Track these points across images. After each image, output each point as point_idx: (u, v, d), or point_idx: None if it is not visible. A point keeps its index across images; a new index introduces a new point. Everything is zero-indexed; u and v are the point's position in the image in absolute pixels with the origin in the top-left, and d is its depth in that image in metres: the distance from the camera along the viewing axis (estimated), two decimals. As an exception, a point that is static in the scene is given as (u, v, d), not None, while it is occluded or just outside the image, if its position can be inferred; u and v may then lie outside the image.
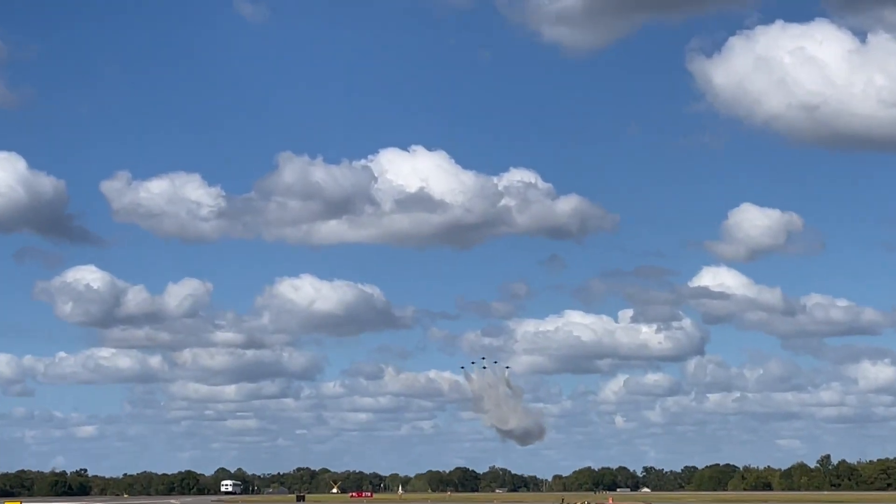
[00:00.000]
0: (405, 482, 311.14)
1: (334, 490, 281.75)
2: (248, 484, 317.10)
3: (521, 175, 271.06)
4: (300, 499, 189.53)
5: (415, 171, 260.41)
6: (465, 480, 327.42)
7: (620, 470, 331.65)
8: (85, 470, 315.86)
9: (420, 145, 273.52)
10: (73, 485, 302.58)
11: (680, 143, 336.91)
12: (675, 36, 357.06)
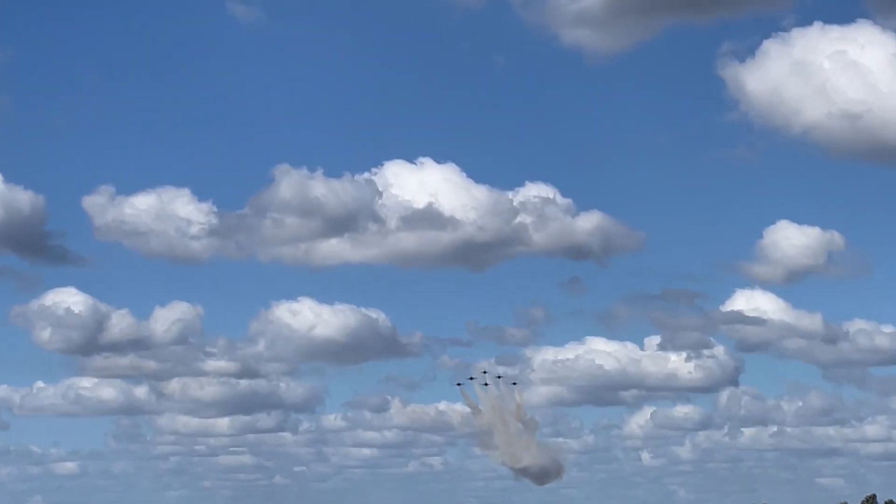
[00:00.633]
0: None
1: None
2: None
3: (538, 190, 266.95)
4: None
5: (423, 185, 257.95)
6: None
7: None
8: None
9: (428, 157, 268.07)
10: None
11: (711, 155, 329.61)
12: (705, 39, 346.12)
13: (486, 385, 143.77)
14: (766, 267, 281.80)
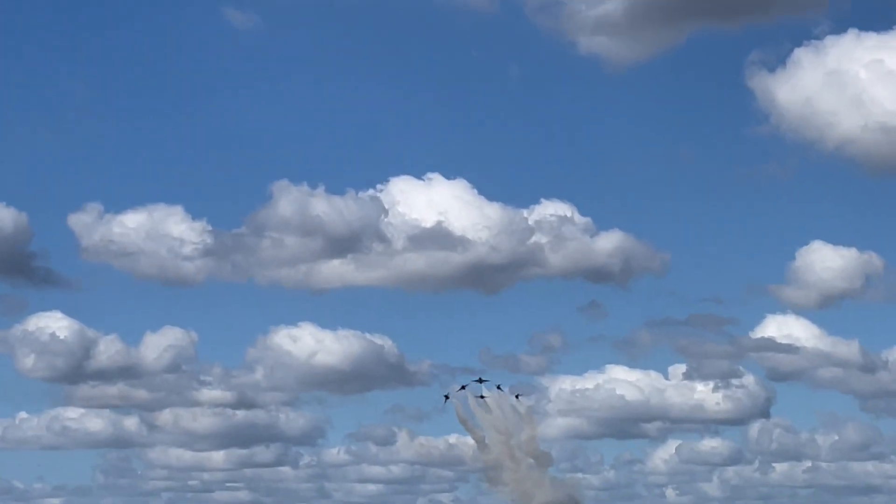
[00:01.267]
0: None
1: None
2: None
3: (554, 208, 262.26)
4: None
5: (431, 202, 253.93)
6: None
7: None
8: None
9: (437, 173, 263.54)
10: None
11: (739, 171, 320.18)
12: (732, 47, 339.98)
13: (482, 398, 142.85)
14: (799, 291, 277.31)
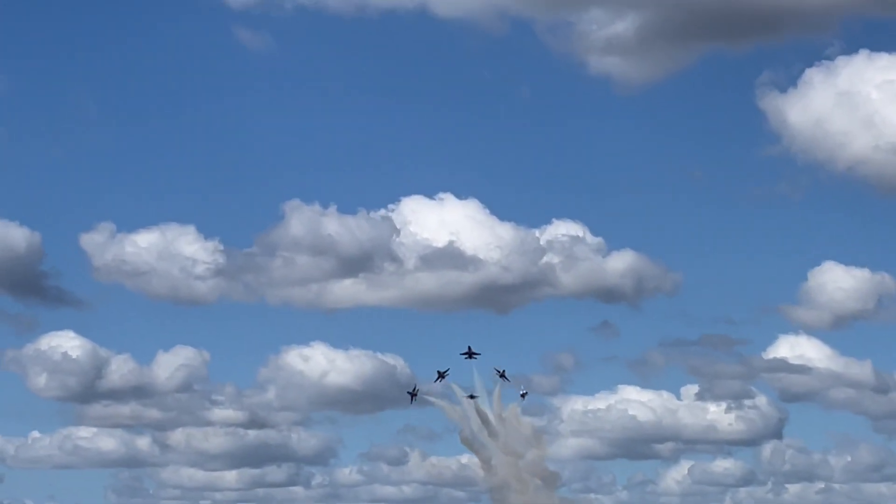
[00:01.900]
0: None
1: None
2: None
3: (566, 228, 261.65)
4: None
5: (443, 222, 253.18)
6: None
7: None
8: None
9: (449, 193, 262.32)
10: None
11: (751, 191, 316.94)
12: (743, 68, 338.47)
13: (473, 397, 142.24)
14: (812, 311, 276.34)
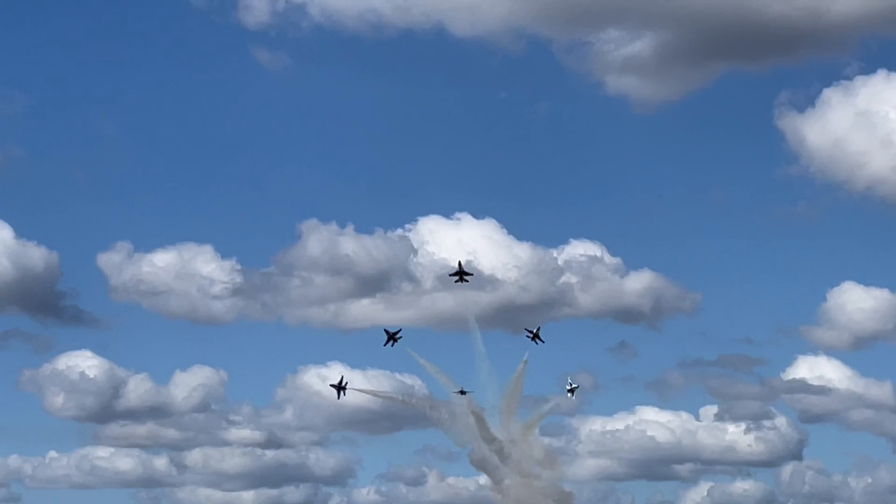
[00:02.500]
0: None
1: None
2: None
3: (584, 248, 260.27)
4: None
5: (460, 242, 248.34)
6: None
7: None
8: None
9: (466, 213, 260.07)
10: None
11: (769, 211, 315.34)
12: (761, 87, 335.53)
13: (465, 393, 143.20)
14: (831, 332, 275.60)
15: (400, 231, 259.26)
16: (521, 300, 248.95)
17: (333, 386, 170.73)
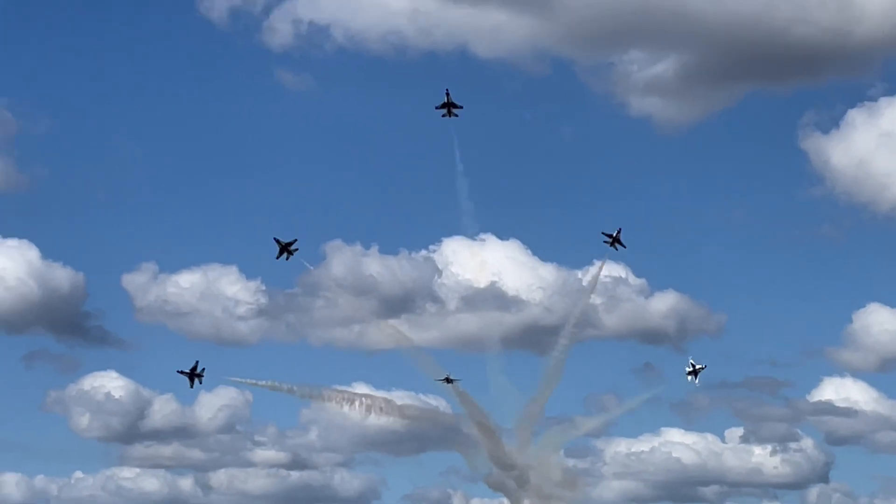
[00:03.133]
0: None
1: None
2: None
3: (609, 269, 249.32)
4: None
5: (484, 263, 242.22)
6: None
7: None
8: None
9: (490, 234, 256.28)
10: None
11: (794, 233, 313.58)
12: (784, 109, 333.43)
13: (452, 381, 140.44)
14: (857, 353, 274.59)
15: (424, 252, 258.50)
16: (545, 321, 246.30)
17: (184, 373, 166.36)
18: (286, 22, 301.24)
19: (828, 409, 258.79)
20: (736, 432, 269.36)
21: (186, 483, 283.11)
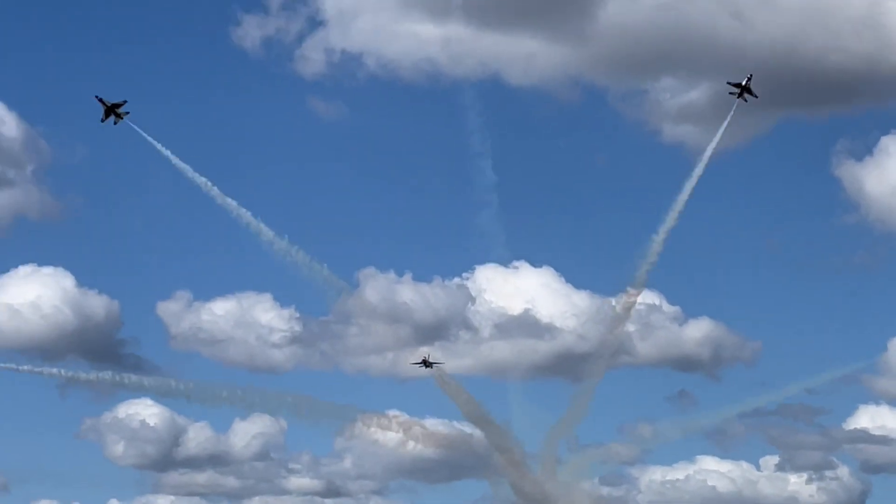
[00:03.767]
0: None
1: None
2: None
3: (643, 296, 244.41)
4: None
5: (518, 291, 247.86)
6: None
7: None
8: None
9: (524, 261, 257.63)
10: None
11: (829, 260, 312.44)
12: (817, 136, 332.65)
13: (430, 365, 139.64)
14: (893, 381, 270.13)
15: (458, 279, 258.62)
16: (579, 349, 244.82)
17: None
18: (319, 50, 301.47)
19: (864, 437, 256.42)
20: (771, 460, 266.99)
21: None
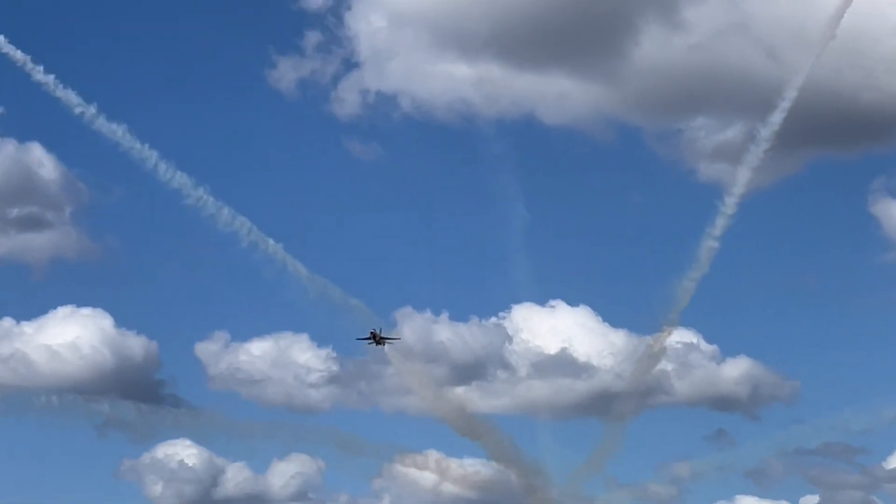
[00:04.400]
0: None
1: None
2: None
3: (680, 335, 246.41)
4: None
5: (555, 330, 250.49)
6: None
7: None
8: None
9: (560, 300, 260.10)
10: None
11: (869, 298, 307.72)
12: (854, 174, 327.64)
13: (384, 341, 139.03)
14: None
15: (494, 319, 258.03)
16: (616, 388, 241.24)
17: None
18: (354, 92, 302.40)
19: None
20: (811, 500, 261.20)
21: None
